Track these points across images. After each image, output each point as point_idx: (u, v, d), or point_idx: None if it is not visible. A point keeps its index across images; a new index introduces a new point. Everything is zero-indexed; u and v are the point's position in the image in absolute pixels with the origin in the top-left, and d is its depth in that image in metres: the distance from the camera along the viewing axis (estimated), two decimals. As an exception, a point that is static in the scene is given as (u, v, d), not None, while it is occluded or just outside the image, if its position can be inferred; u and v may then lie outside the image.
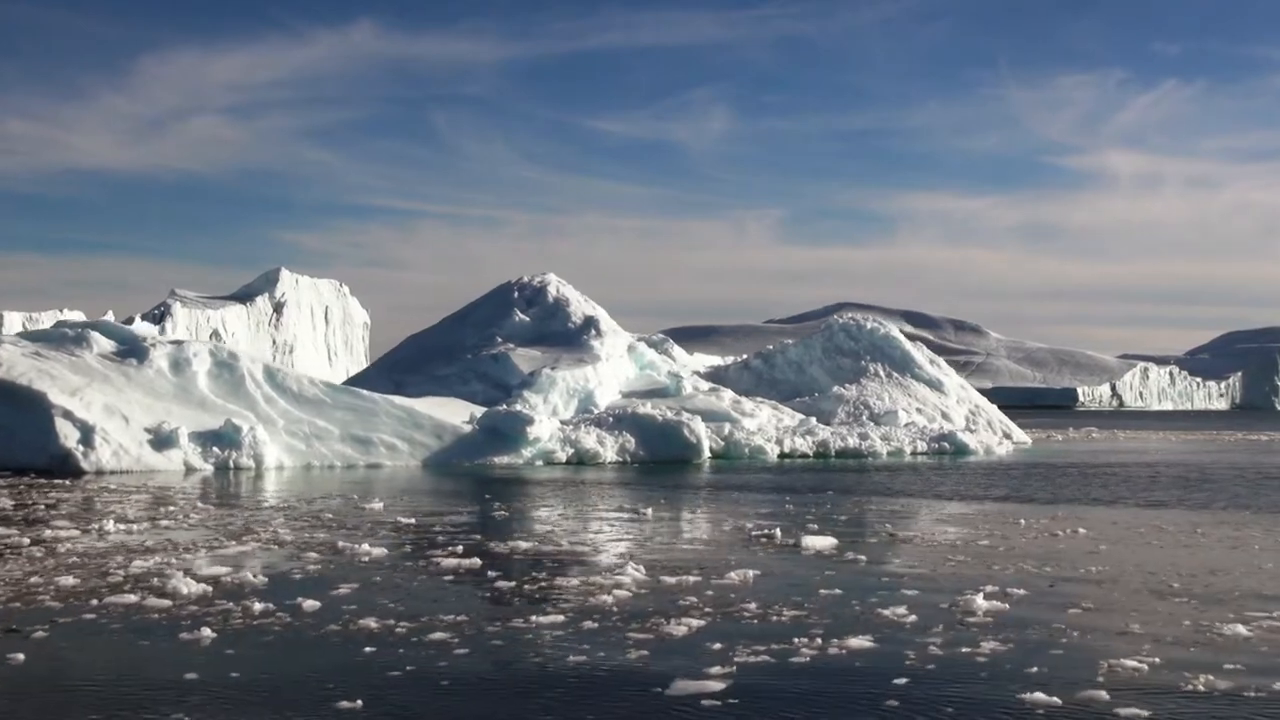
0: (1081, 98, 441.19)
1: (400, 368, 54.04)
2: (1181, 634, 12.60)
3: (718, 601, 14.14)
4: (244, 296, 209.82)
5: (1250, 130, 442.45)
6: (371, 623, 12.71)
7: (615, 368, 50.50)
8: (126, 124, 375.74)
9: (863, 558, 18.00)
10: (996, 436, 53.62)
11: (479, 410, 42.60)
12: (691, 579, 15.66)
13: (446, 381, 50.28)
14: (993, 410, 60.31)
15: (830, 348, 60.75)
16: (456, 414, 42.37)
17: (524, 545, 19.07)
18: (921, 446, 48.33)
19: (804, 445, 45.91)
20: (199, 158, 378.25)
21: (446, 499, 27.94)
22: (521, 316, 53.67)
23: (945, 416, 56.78)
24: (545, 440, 40.58)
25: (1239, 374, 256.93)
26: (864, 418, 54.71)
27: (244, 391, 38.99)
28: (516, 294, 55.28)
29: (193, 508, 24.68)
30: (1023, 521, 23.40)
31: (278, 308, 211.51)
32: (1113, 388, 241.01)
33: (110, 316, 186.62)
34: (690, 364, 62.24)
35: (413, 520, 22.68)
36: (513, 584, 15.28)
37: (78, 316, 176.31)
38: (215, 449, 36.31)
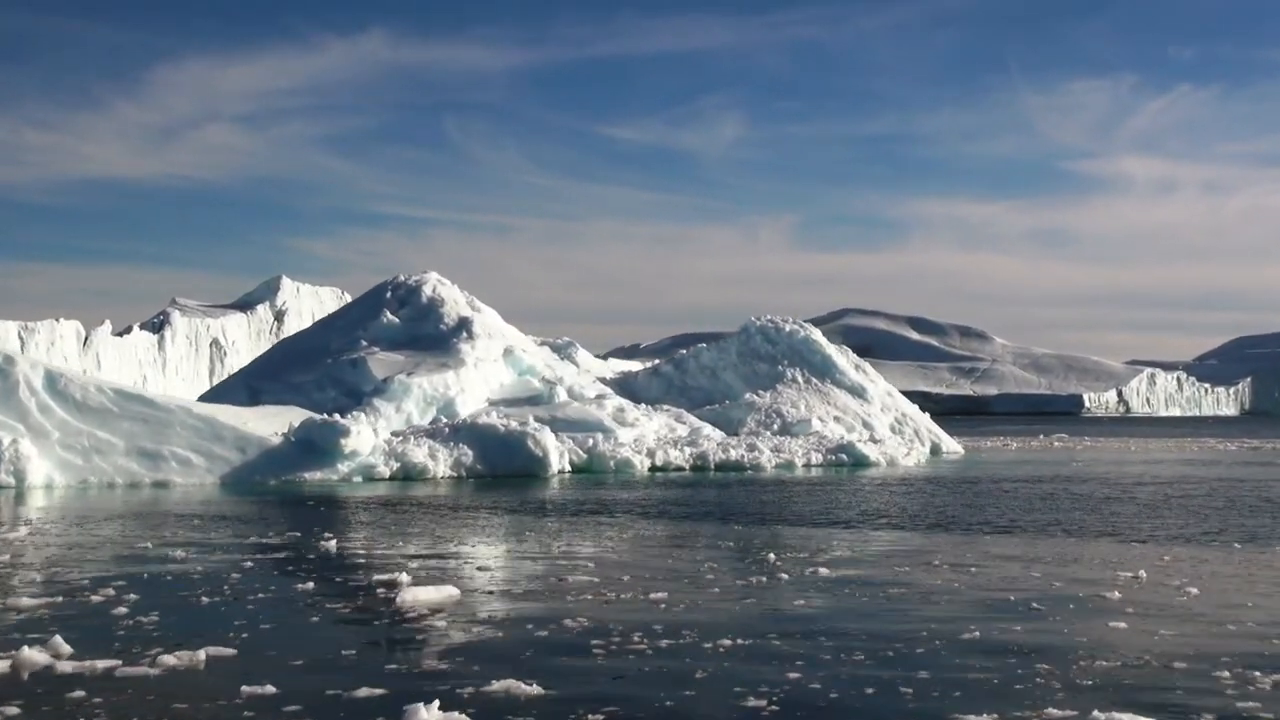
0: (1094, 102, 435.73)
1: (260, 375, 49.54)
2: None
3: (116, 708, 9.48)
4: (245, 305, 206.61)
5: (1265, 134, 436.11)
6: None
7: (486, 373, 45.91)
8: (139, 133, 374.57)
9: (453, 619, 13.29)
10: (907, 447, 48.72)
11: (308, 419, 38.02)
12: (133, 669, 11.00)
13: (304, 389, 45.73)
14: (922, 419, 55.40)
15: (746, 352, 55.92)
16: (287, 425, 37.83)
17: (30, 602, 14.43)
18: (816, 459, 43.54)
19: (680, 458, 41.18)
20: (211, 166, 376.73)
21: (134, 526, 23.17)
22: (391, 318, 49.09)
23: (866, 425, 51.96)
24: (366, 454, 35.97)
25: (1248, 379, 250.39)
26: (775, 427, 50.03)
27: (16, 400, 34.50)
28: (389, 294, 50.76)
29: None
30: (772, 556, 18.65)
31: (279, 316, 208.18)
32: (1119, 394, 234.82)
33: (108, 325, 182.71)
34: (598, 369, 57.58)
35: (16, 557, 18.12)
36: None
37: (73, 325, 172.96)
38: (-30, 466, 31.91)
